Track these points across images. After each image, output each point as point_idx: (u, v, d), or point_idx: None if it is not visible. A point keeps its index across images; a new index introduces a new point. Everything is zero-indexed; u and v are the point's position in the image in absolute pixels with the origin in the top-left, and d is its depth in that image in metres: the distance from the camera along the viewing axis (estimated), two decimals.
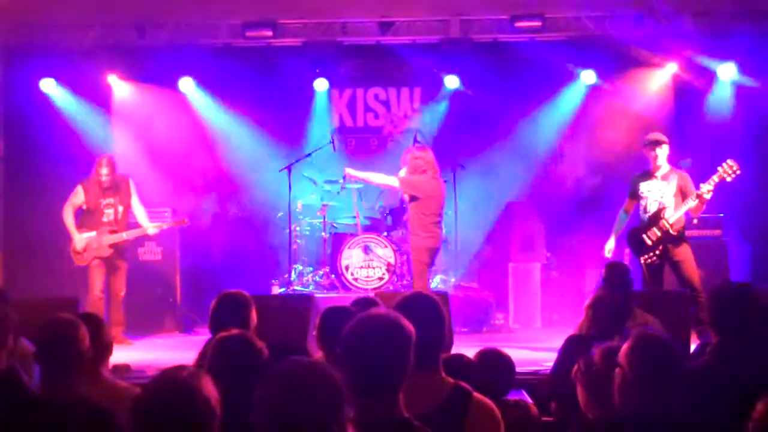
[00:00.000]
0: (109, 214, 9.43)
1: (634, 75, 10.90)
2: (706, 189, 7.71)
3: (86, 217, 9.41)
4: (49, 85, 10.83)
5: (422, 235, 8.48)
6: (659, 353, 3.32)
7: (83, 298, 8.97)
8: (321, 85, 11.36)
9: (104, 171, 9.33)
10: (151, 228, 9.51)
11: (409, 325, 2.91)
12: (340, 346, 2.88)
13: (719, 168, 7.73)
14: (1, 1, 9.46)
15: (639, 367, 3.30)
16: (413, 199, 8.56)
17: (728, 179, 7.71)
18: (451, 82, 11.14)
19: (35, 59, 10.57)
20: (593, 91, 10.99)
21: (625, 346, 3.39)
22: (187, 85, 11.14)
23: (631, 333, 3.54)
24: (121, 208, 9.46)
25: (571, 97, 11.06)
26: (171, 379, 2.69)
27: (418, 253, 8.55)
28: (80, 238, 9.31)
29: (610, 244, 8.34)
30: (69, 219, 9.37)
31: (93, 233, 9.33)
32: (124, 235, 9.38)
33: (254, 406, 2.49)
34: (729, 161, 7.72)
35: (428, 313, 3.24)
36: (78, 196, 9.43)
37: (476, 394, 3.19)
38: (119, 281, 9.46)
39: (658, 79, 10.90)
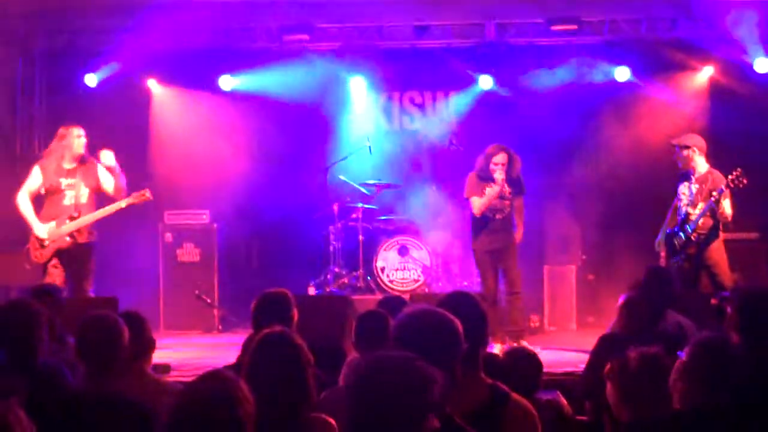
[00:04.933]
0: (70, 196, 7.83)
1: (671, 77, 10.81)
2: (713, 198, 7.54)
3: (46, 203, 7.92)
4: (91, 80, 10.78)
5: None
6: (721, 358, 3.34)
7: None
8: (357, 88, 11.41)
9: (81, 141, 7.87)
10: (123, 202, 7.83)
11: (455, 320, 2.98)
12: (389, 340, 2.94)
13: (728, 176, 7.56)
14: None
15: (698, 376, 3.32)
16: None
17: (735, 189, 7.49)
18: (485, 82, 11.04)
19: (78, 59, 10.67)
20: (629, 90, 10.86)
21: (686, 355, 3.40)
22: (225, 83, 11.15)
23: (661, 333, 3.56)
24: (86, 191, 7.87)
25: (604, 97, 10.87)
26: (213, 383, 2.72)
27: None
28: (43, 227, 7.77)
29: (660, 239, 8.21)
30: (26, 206, 7.86)
31: (53, 223, 7.81)
32: (87, 219, 7.79)
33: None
34: (737, 170, 7.48)
35: (470, 310, 3.26)
36: (35, 179, 7.90)
37: (515, 395, 3.20)
38: (84, 286, 7.83)
39: (695, 82, 10.84)
